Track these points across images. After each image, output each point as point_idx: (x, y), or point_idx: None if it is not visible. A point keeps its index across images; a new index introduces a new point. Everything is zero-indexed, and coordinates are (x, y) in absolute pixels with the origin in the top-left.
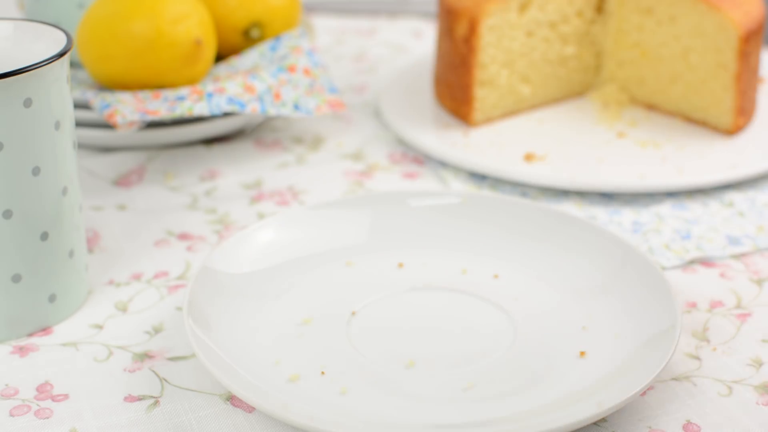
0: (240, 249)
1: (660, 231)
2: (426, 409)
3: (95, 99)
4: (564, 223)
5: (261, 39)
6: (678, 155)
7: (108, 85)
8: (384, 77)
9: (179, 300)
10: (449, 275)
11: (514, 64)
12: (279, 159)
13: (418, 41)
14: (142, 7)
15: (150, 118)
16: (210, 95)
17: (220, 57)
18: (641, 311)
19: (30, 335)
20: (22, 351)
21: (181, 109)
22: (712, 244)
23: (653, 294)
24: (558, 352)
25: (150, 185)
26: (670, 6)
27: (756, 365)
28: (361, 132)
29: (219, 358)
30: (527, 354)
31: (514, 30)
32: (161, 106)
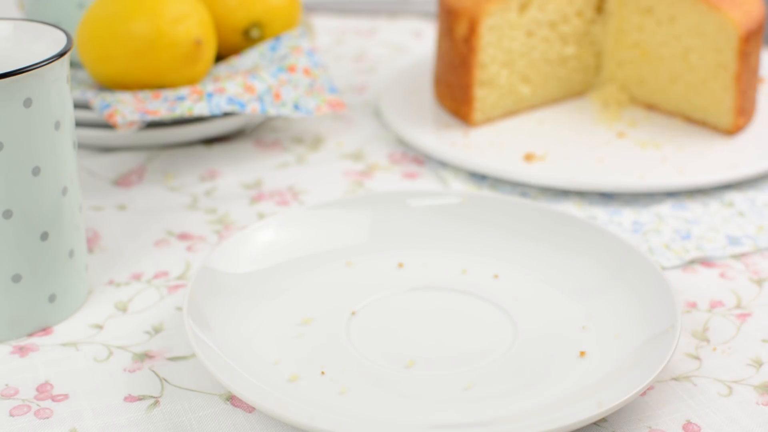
0: (240, 249)
1: (660, 231)
2: (426, 409)
3: (95, 99)
4: (564, 223)
5: (261, 39)
6: (678, 155)
7: (108, 85)
8: (384, 77)
9: (179, 300)
10: (449, 275)
11: (514, 64)
12: (279, 159)
13: (418, 41)
14: (142, 7)
15: (150, 118)
16: (210, 95)
17: (220, 57)
18: (641, 311)
19: (30, 335)
20: (22, 351)
21: (181, 109)
22: (712, 244)
23: (653, 294)
24: (558, 352)
25: (150, 185)
26: (670, 6)
27: (756, 365)
28: (361, 132)
29: (219, 358)
30: (527, 354)
31: (514, 30)
32: (161, 106)
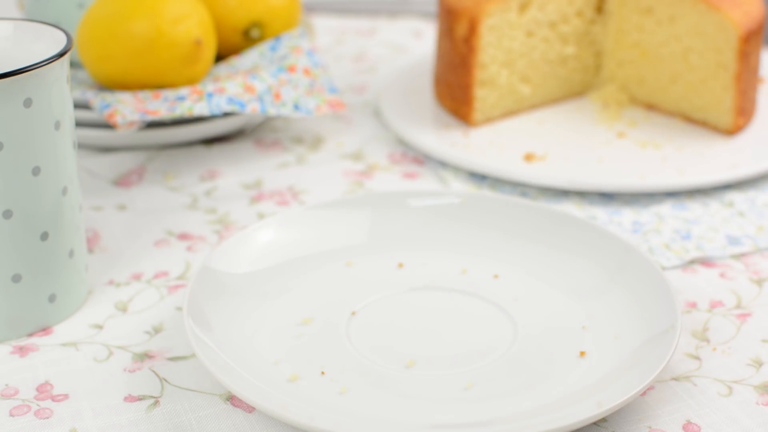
0: (240, 249)
1: (660, 231)
2: (426, 409)
3: (95, 99)
4: (564, 223)
5: (261, 39)
6: (678, 155)
7: (108, 85)
8: (384, 77)
9: (179, 300)
10: (449, 275)
11: (514, 64)
12: (279, 159)
13: (418, 41)
14: (142, 7)
15: (150, 118)
16: (210, 95)
17: (220, 57)
18: (641, 311)
19: (30, 335)
20: (22, 351)
21: (181, 109)
22: (712, 244)
23: (653, 294)
24: (558, 352)
25: (150, 185)
26: (670, 6)
27: (756, 365)
28: (361, 132)
29: (219, 358)
30: (527, 354)
31: (514, 30)
32: (161, 106)
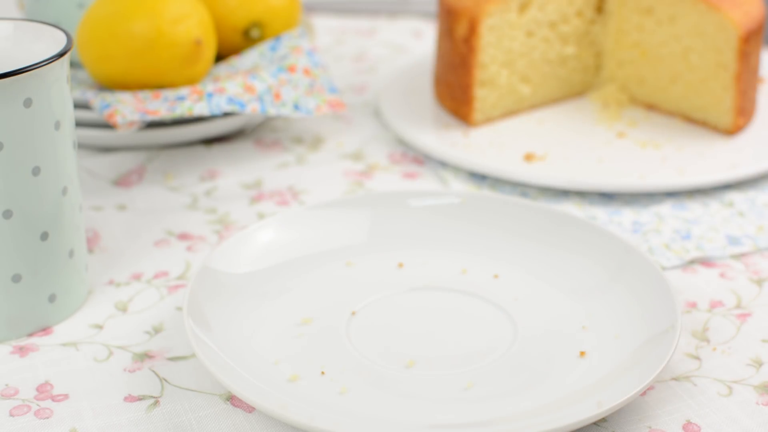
0: (240, 249)
1: (660, 231)
2: (426, 409)
3: (95, 99)
4: (564, 223)
5: (261, 39)
6: (678, 155)
7: (108, 85)
8: (384, 77)
9: (179, 300)
10: (449, 275)
11: (514, 64)
12: (279, 159)
13: (418, 41)
14: (142, 7)
15: (150, 118)
16: (210, 95)
17: (220, 57)
18: (641, 311)
19: (30, 335)
20: (22, 351)
21: (181, 109)
22: (712, 244)
23: (653, 294)
24: (558, 352)
25: (150, 185)
26: (670, 6)
27: (756, 365)
28: (361, 132)
29: (219, 358)
30: (527, 354)
31: (514, 30)
32: (161, 106)
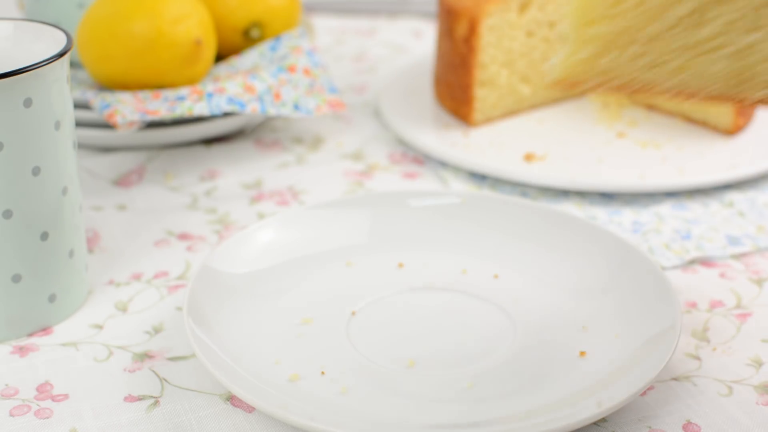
0: (240, 249)
1: (660, 231)
2: (426, 409)
3: (95, 99)
4: (564, 223)
5: (261, 39)
6: (678, 155)
7: (108, 85)
8: (384, 77)
9: (179, 300)
10: (449, 275)
11: (514, 64)
12: (279, 159)
13: (418, 41)
14: (142, 7)
15: (150, 118)
16: (210, 95)
17: (220, 57)
18: (641, 311)
19: (30, 335)
20: (22, 351)
21: (181, 109)
22: (712, 244)
23: (653, 294)
24: (558, 352)
25: (150, 185)
26: None
27: (756, 365)
28: (361, 132)
29: (219, 358)
30: (527, 354)
31: (514, 30)
32: (161, 106)
